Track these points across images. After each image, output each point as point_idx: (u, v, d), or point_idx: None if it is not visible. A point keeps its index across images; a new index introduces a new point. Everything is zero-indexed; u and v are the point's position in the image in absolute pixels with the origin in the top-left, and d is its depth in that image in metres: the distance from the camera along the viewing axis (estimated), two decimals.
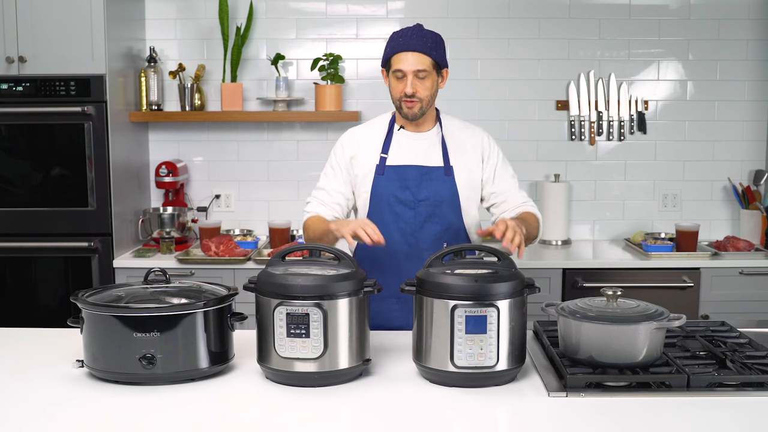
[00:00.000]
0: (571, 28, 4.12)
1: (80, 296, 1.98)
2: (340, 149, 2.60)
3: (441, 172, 2.53)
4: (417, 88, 2.43)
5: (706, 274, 3.67)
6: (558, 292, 3.62)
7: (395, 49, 2.44)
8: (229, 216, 4.22)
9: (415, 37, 2.43)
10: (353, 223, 2.25)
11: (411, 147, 2.56)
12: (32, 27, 3.58)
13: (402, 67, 2.42)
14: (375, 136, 2.59)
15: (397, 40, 2.45)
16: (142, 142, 4.11)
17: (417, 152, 2.55)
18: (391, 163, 2.53)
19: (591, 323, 1.92)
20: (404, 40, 2.43)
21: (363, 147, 2.57)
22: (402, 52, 2.42)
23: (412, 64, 2.41)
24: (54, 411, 1.79)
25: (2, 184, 3.70)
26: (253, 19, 4.05)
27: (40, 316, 3.72)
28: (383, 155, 2.54)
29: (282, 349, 1.89)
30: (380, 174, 2.53)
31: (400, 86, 2.45)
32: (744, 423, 1.74)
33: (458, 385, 1.91)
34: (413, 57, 2.41)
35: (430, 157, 2.54)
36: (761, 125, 4.18)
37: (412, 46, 2.41)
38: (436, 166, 2.53)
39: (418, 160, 2.54)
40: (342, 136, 2.64)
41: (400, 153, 2.55)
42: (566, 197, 4.10)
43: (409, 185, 2.51)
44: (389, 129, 2.58)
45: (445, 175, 2.52)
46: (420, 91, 2.44)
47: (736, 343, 2.20)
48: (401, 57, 2.43)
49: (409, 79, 2.42)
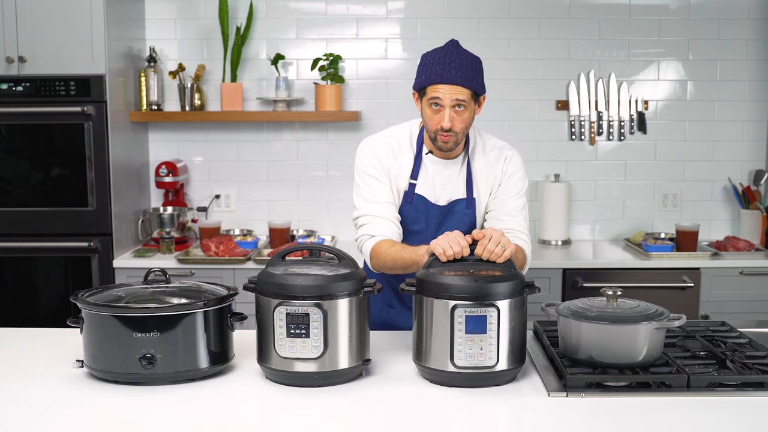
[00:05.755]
0: (571, 28, 4.12)
1: (80, 296, 1.97)
2: (375, 159, 2.37)
3: (463, 204, 2.39)
4: (455, 121, 2.24)
5: (706, 274, 3.67)
6: (558, 292, 3.62)
7: (433, 79, 2.22)
8: (229, 216, 4.22)
9: (455, 66, 2.21)
10: (440, 238, 2.02)
11: (437, 175, 2.38)
12: (32, 27, 3.58)
13: (440, 97, 2.22)
14: (403, 157, 2.39)
15: (433, 68, 2.23)
16: (142, 142, 4.11)
17: (442, 181, 2.38)
18: (420, 192, 2.38)
19: (591, 323, 1.92)
20: (443, 70, 2.21)
21: (394, 166, 2.38)
22: (441, 84, 2.22)
23: (450, 97, 2.21)
24: (54, 411, 1.79)
25: (2, 184, 3.70)
26: (253, 19, 4.05)
27: (40, 316, 3.72)
28: (413, 181, 2.38)
29: (282, 349, 1.89)
30: (409, 202, 2.38)
31: (437, 118, 2.25)
32: (744, 423, 1.74)
33: (458, 385, 1.91)
34: (453, 89, 2.21)
35: (454, 188, 2.39)
36: (761, 125, 4.18)
37: (452, 78, 2.20)
38: (459, 198, 2.39)
39: (442, 193, 2.38)
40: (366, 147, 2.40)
41: (427, 181, 2.38)
42: (566, 197, 4.10)
43: (431, 220, 2.39)
44: (418, 151, 2.39)
45: (466, 208, 2.39)
46: (457, 125, 2.25)
47: (736, 343, 2.20)
48: (440, 88, 2.22)
49: (446, 113, 2.23)
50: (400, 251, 2.22)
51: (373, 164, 2.37)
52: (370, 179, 2.37)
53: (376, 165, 2.37)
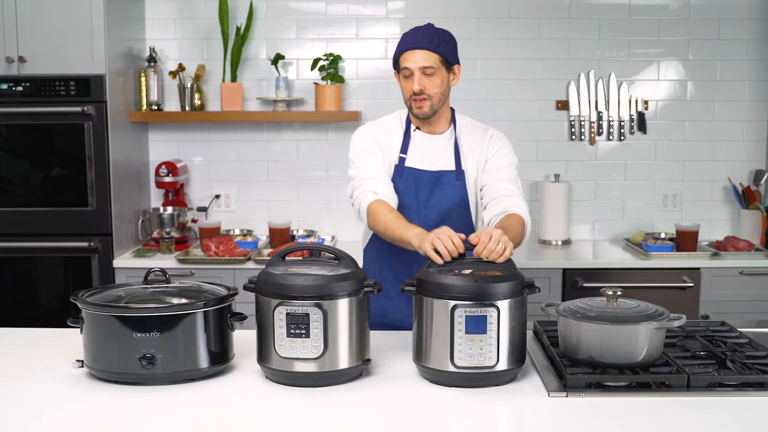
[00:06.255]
0: (571, 28, 4.12)
1: (80, 296, 1.97)
2: (369, 137, 2.52)
3: (453, 176, 2.49)
4: (425, 85, 2.39)
5: (706, 274, 3.67)
6: (558, 292, 3.62)
7: (402, 48, 2.43)
8: (229, 216, 4.22)
9: (422, 35, 2.41)
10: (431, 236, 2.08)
11: (426, 149, 2.51)
12: (32, 27, 3.58)
13: (408, 65, 2.40)
14: (393, 135, 2.54)
15: (404, 39, 2.44)
16: (142, 142, 4.11)
17: (431, 155, 2.51)
18: (409, 165, 2.50)
19: (591, 323, 1.92)
20: (411, 39, 2.41)
21: (385, 145, 2.52)
22: (408, 50, 2.40)
23: (418, 61, 2.39)
24: (54, 411, 1.79)
25: (2, 184, 3.70)
26: (253, 19, 4.05)
27: (40, 316, 3.72)
28: (402, 155, 2.50)
29: (282, 349, 1.89)
30: (399, 175, 2.49)
31: (409, 85, 2.42)
32: (744, 423, 1.74)
33: (458, 385, 1.91)
34: (419, 54, 2.38)
35: (442, 160, 2.50)
36: (761, 125, 4.18)
37: (418, 43, 2.39)
38: (448, 170, 2.50)
39: (431, 164, 2.50)
40: (360, 130, 2.56)
41: (416, 155, 2.50)
42: (566, 197, 4.09)
43: (421, 191, 2.48)
44: (406, 129, 2.54)
45: (456, 180, 2.49)
46: (428, 88, 2.40)
47: (736, 343, 2.20)
48: (408, 55, 2.40)
49: (416, 77, 2.39)
50: (393, 222, 2.31)
51: (367, 141, 2.52)
52: (366, 153, 2.50)
53: (370, 141, 2.51)
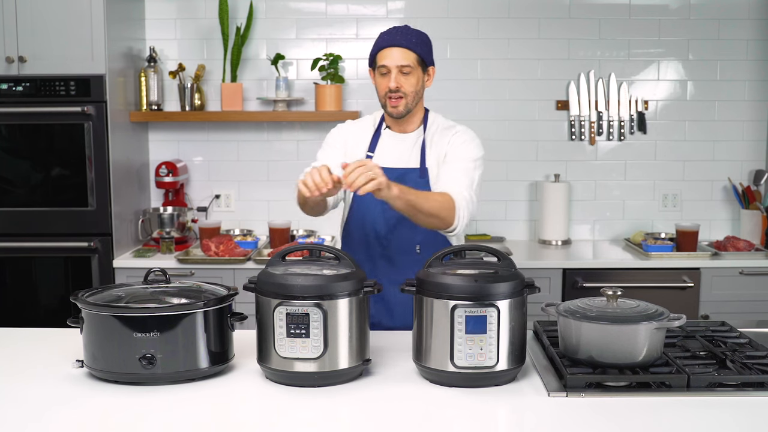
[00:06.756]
0: (571, 28, 4.12)
1: (80, 296, 1.97)
2: (339, 135, 2.60)
3: (416, 174, 2.50)
4: (401, 83, 2.43)
5: (706, 274, 3.67)
6: (558, 292, 3.62)
7: (380, 45, 2.46)
8: (229, 216, 4.22)
9: (400, 33, 2.44)
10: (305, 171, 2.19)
11: (393, 147, 2.55)
12: (32, 27, 3.58)
13: (386, 62, 2.43)
14: (364, 133, 2.59)
15: (382, 37, 2.47)
16: (142, 142, 4.11)
17: (397, 153, 2.54)
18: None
19: (591, 323, 1.92)
20: (389, 37, 2.45)
21: (352, 142, 2.58)
22: (386, 48, 2.43)
23: (395, 59, 2.42)
24: (54, 411, 1.79)
25: (2, 184, 3.70)
26: (253, 19, 4.05)
27: (40, 316, 3.72)
28: (369, 154, 2.55)
29: (282, 349, 1.89)
30: None
31: (385, 82, 2.45)
32: (744, 423, 1.74)
33: (458, 385, 1.91)
34: (397, 52, 2.42)
35: (408, 158, 2.53)
36: (761, 125, 4.18)
37: (396, 42, 2.42)
38: (412, 168, 2.52)
39: (396, 162, 2.52)
40: (334, 128, 2.65)
41: (383, 153, 2.54)
42: (566, 197, 4.09)
43: None
44: (377, 128, 2.58)
45: (419, 177, 2.50)
46: (404, 87, 2.43)
47: (736, 343, 2.20)
48: (385, 53, 2.44)
49: (393, 74, 2.42)
50: None
51: (336, 138, 2.59)
52: (329, 148, 2.58)
53: (336, 136, 2.60)
